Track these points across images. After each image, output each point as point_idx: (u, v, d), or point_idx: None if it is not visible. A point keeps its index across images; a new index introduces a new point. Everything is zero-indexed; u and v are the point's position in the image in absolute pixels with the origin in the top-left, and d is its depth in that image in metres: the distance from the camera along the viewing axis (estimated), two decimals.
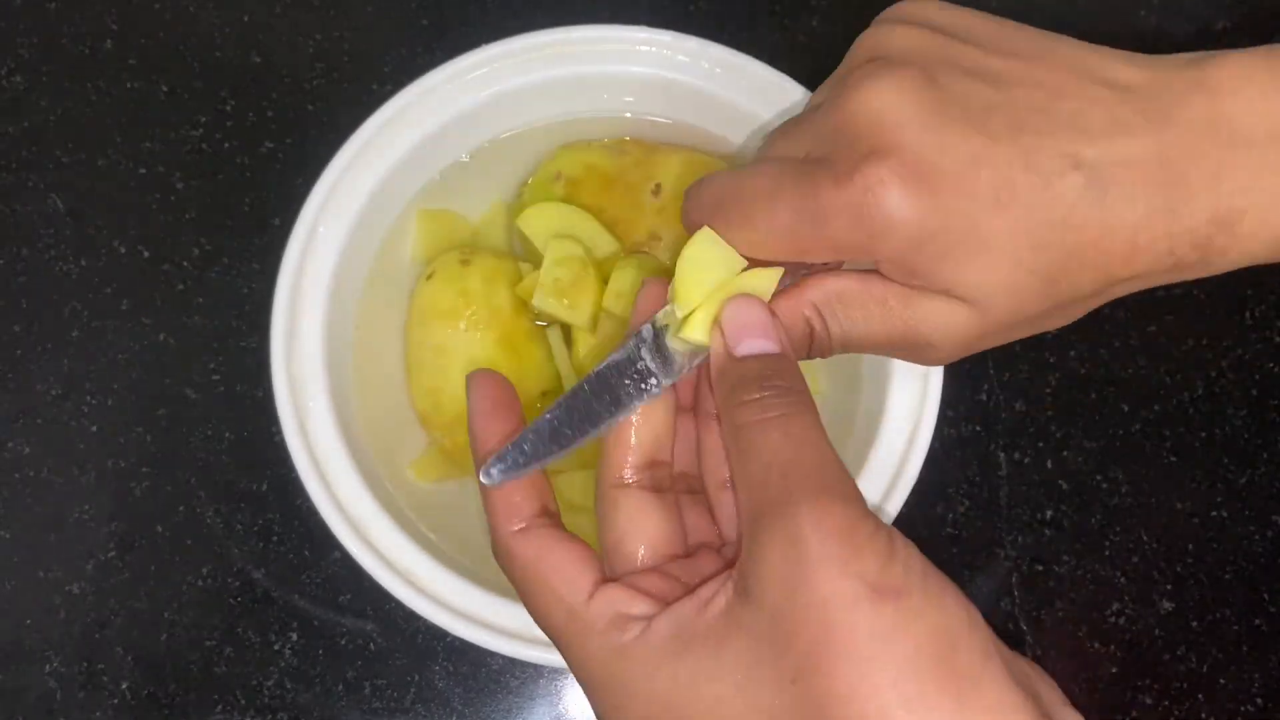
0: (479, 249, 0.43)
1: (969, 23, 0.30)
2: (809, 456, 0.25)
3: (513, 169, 0.46)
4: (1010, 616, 0.47)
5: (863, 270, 0.30)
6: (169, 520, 0.46)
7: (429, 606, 0.37)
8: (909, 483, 0.39)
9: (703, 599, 0.25)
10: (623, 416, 0.29)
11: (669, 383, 0.29)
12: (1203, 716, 0.46)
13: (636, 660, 0.25)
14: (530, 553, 0.28)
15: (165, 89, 0.51)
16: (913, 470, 0.39)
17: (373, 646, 0.45)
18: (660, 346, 0.29)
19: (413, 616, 0.38)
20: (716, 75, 0.43)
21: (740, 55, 0.43)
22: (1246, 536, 0.48)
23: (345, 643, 0.45)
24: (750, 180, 0.30)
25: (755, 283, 0.29)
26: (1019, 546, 0.48)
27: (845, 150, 0.28)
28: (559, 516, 0.29)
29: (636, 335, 0.29)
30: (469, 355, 0.41)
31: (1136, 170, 0.27)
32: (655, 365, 0.29)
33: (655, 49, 0.43)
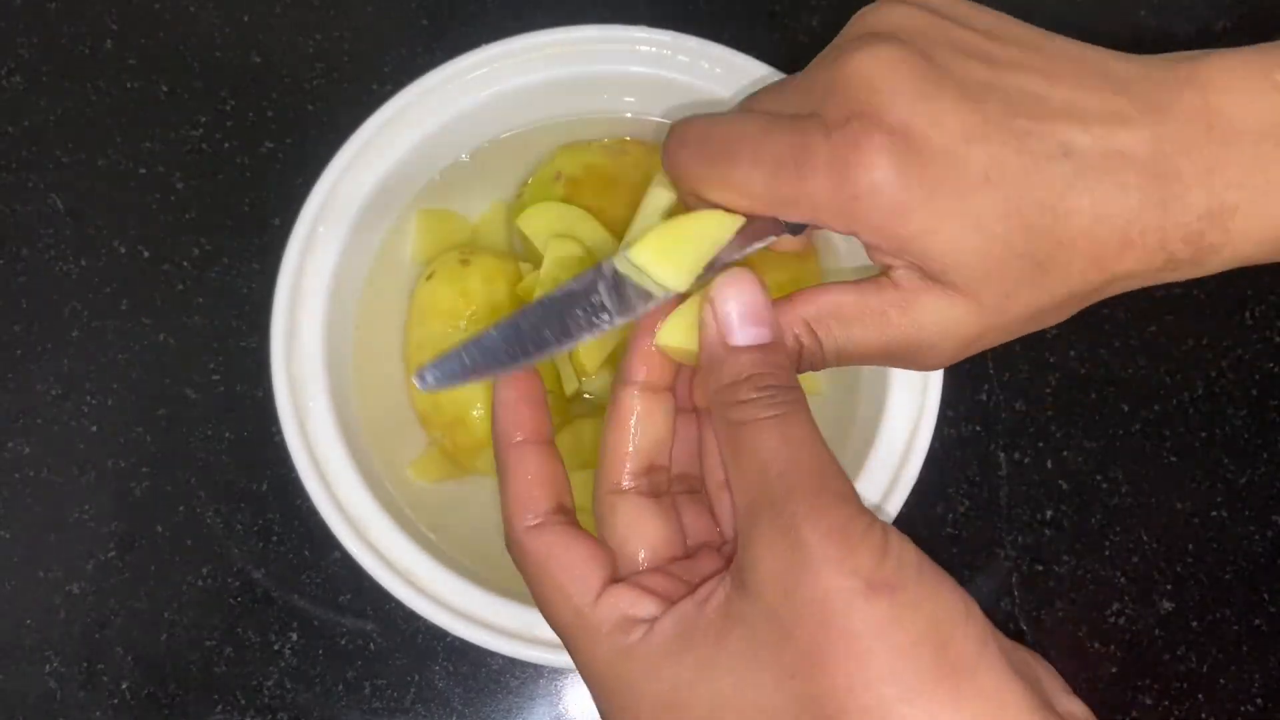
0: (479, 249, 0.43)
1: (968, 10, 0.30)
2: (805, 457, 0.25)
3: (513, 169, 0.46)
4: (1010, 616, 0.47)
5: (855, 285, 0.29)
6: (169, 520, 0.46)
7: (429, 606, 0.37)
8: (909, 483, 0.39)
9: (702, 597, 0.25)
10: (567, 347, 0.29)
11: (621, 322, 0.29)
12: (1203, 716, 0.46)
13: (641, 661, 0.25)
14: (542, 550, 0.28)
15: (165, 89, 0.51)
16: (913, 470, 0.39)
17: (373, 646, 0.45)
18: (619, 285, 0.29)
19: (413, 616, 0.38)
20: (716, 75, 0.43)
21: (740, 55, 0.43)
22: (1246, 536, 0.48)
23: (345, 643, 0.45)
24: (738, 122, 0.29)
25: (713, 224, 0.29)
26: (1019, 546, 0.48)
27: (836, 108, 0.27)
28: (574, 514, 0.29)
29: (597, 268, 0.29)
30: None
31: (1130, 161, 0.27)
32: (610, 302, 0.29)
33: (655, 49, 0.43)
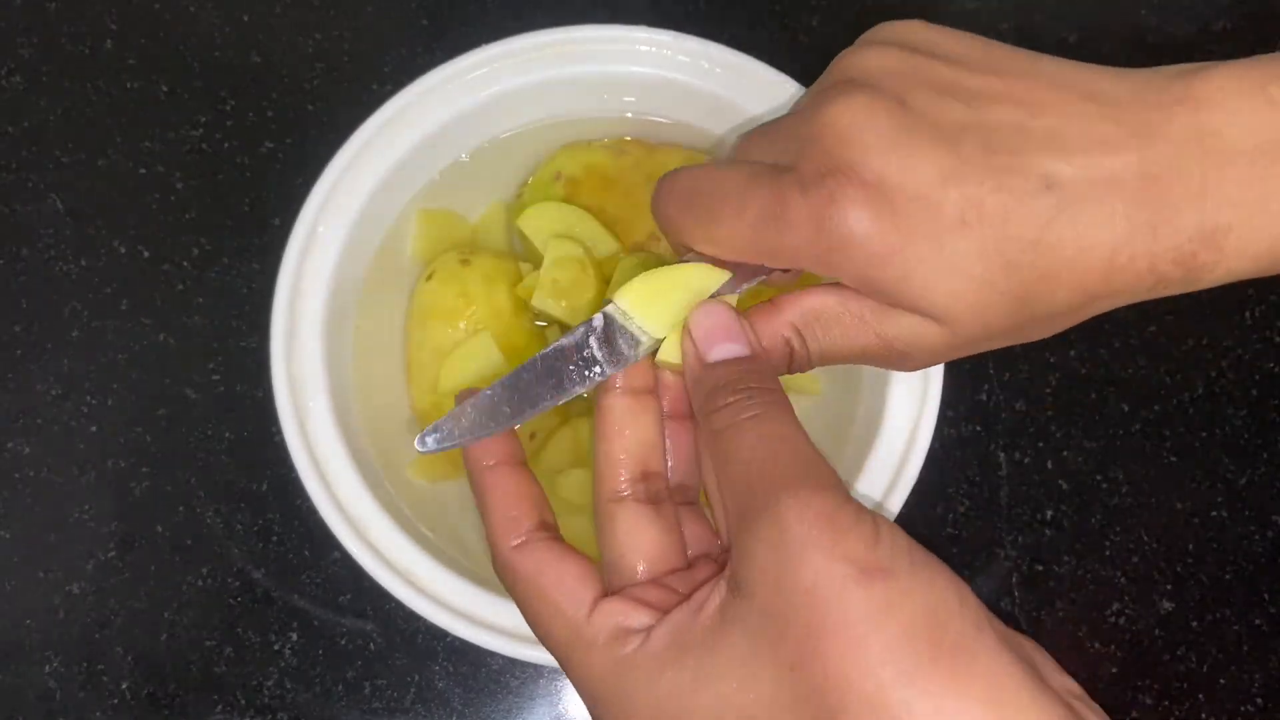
0: (479, 249, 0.43)
1: (950, 43, 0.30)
2: (786, 451, 0.26)
3: (513, 169, 0.46)
4: (1010, 616, 0.47)
5: (837, 287, 0.30)
6: (169, 520, 0.46)
7: (429, 606, 0.37)
8: (909, 483, 0.39)
9: (698, 603, 0.26)
10: (563, 399, 0.29)
11: (613, 372, 0.30)
12: (1203, 716, 0.46)
13: (638, 671, 0.25)
14: (531, 567, 0.28)
15: (165, 89, 0.51)
16: (913, 470, 0.39)
17: (373, 646, 0.45)
18: (609, 337, 0.30)
19: (413, 616, 0.38)
20: (717, 75, 0.43)
21: (740, 55, 0.43)
22: (1246, 536, 0.48)
23: (345, 643, 0.45)
24: (721, 176, 0.30)
25: (699, 276, 0.30)
26: (1019, 546, 0.48)
27: (812, 162, 0.28)
28: (557, 529, 0.30)
29: (587, 323, 0.30)
30: (469, 355, 0.41)
31: (1116, 187, 0.27)
32: (602, 354, 0.30)
33: (655, 49, 0.43)
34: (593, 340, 0.30)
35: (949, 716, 0.22)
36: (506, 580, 0.29)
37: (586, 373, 0.29)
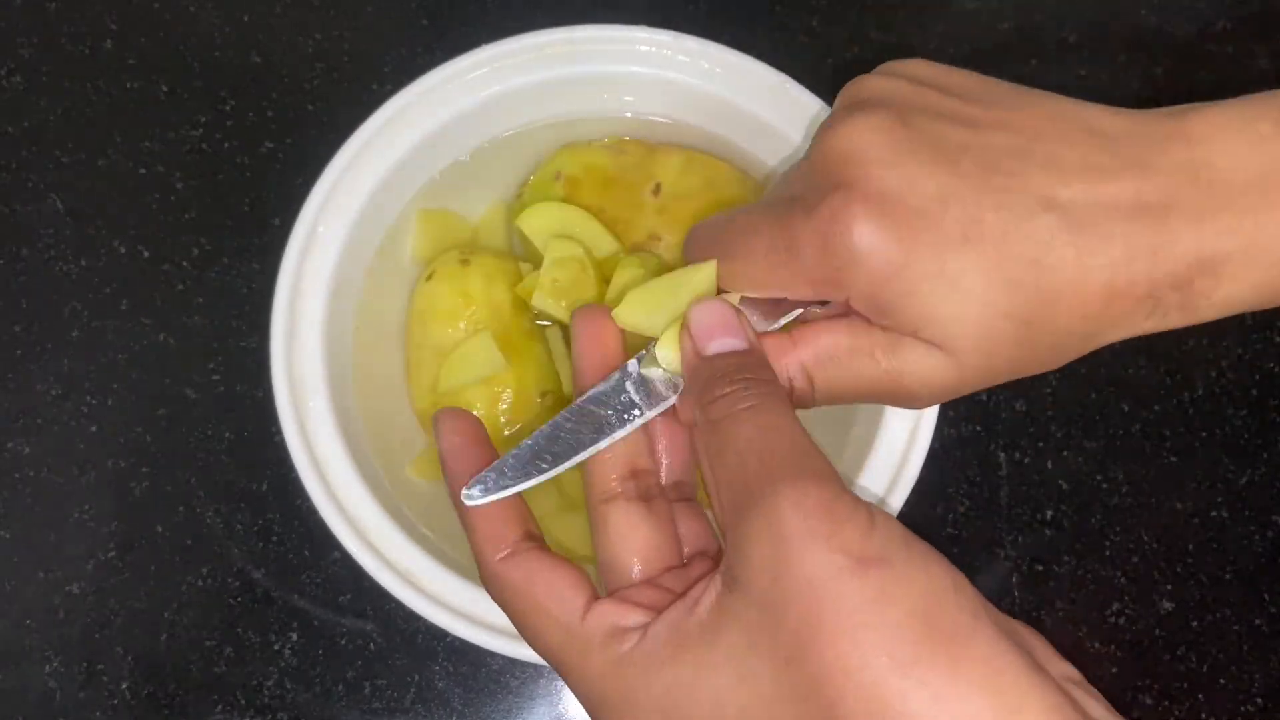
0: (479, 249, 0.43)
1: (951, 78, 0.30)
2: (782, 442, 0.26)
3: (513, 169, 0.46)
4: (1011, 616, 0.47)
5: (848, 319, 0.30)
6: (169, 520, 0.46)
7: (429, 606, 0.37)
8: (909, 483, 0.39)
9: (693, 599, 0.26)
10: (604, 444, 0.30)
11: (653, 413, 0.30)
12: (1203, 716, 0.46)
13: (635, 669, 0.25)
14: (520, 576, 0.28)
15: (165, 89, 0.51)
16: (913, 470, 0.39)
17: (373, 646, 0.45)
18: (644, 379, 0.31)
19: (413, 616, 0.38)
20: (716, 75, 0.43)
21: (740, 55, 0.43)
22: (1246, 536, 0.48)
23: (345, 643, 0.45)
24: (739, 216, 0.31)
25: (695, 278, 0.31)
26: (1019, 546, 0.48)
27: (817, 185, 0.29)
28: (543, 539, 0.30)
29: (623, 369, 0.31)
30: (469, 355, 0.41)
31: (1115, 211, 0.27)
32: (639, 397, 0.30)
33: (655, 49, 0.43)
34: (629, 385, 0.30)
35: (946, 703, 0.22)
36: (496, 593, 0.29)
37: (626, 416, 0.30)
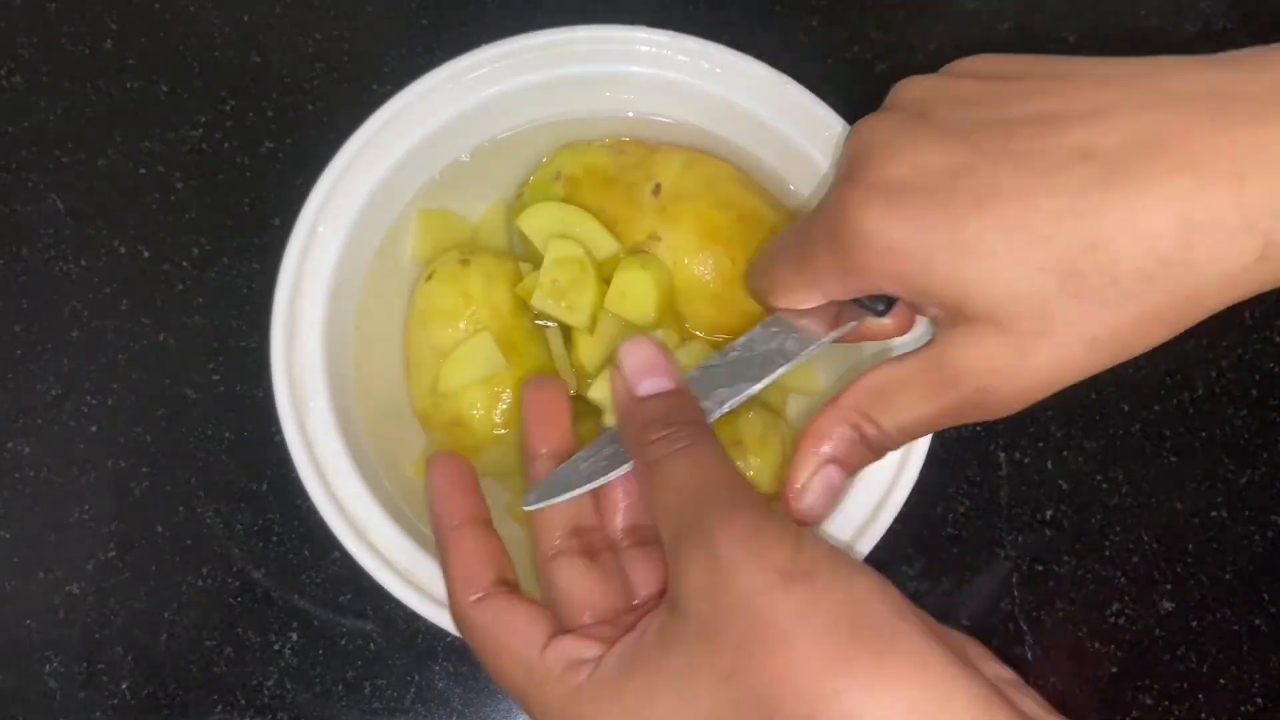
0: (479, 249, 0.43)
1: (1001, 65, 0.30)
2: (714, 477, 0.28)
3: (513, 169, 0.46)
4: (1010, 616, 0.47)
5: (901, 356, 0.30)
6: (169, 520, 0.46)
7: (429, 607, 0.37)
8: (909, 483, 0.39)
9: (642, 629, 0.27)
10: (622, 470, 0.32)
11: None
12: (1203, 716, 0.46)
13: (590, 697, 0.27)
14: (486, 618, 0.30)
15: (165, 89, 0.51)
16: (912, 470, 0.39)
17: (373, 646, 0.45)
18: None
19: (413, 616, 0.38)
20: (716, 75, 0.43)
21: (740, 55, 0.43)
22: (1246, 536, 0.48)
23: (345, 643, 0.45)
24: (780, 236, 0.33)
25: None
26: (1019, 546, 0.48)
27: (830, 186, 0.30)
28: (517, 585, 0.32)
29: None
30: (469, 355, 0.41)
31: (1180, 144, 0.25)
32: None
33: (655, 49, 0.43)
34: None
35: (878, 698, 0.23)
36: (465, 632, 0.31)
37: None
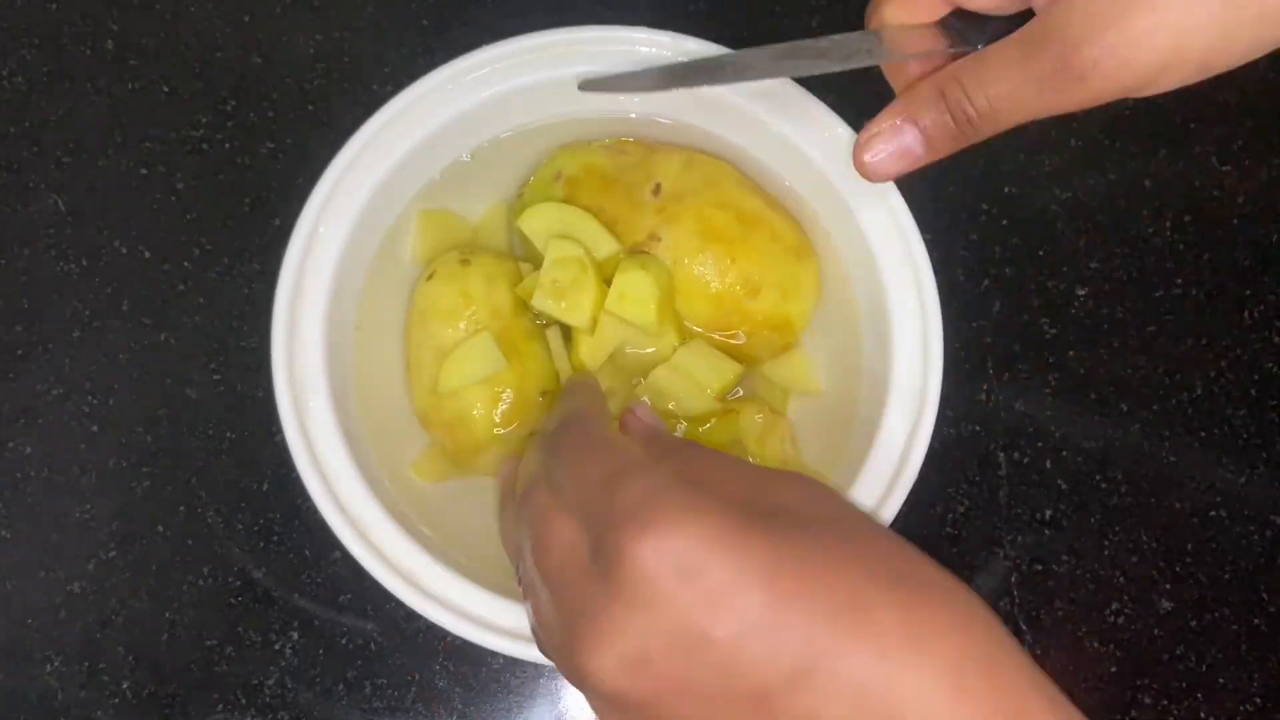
0: (479, 249, 0.43)
1: None
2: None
3: (513, 169, 0.46)
4: (1010, 616, 0.47)
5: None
6: (170, 520, 0.46)
7: (430, 606, 0.38)
8: (909, 483, 0.39)
9: None
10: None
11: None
12: (1202, 716, 0.46)
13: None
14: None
15: (166, 89, 0.51)
16: (912, 470, 0.40)
17: (373, 646, 0.45)
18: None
19: (413, 616, 0.38)
20: None
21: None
22: (1245, 536, 0.48)
23: (346, 642, 0.45)
24: None
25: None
26: (1019, 546, 0.48)
27: None
28: None
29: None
30: (469, 355, 0.41)
31: None
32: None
33: (655, 49, 0.43)
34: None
35: None
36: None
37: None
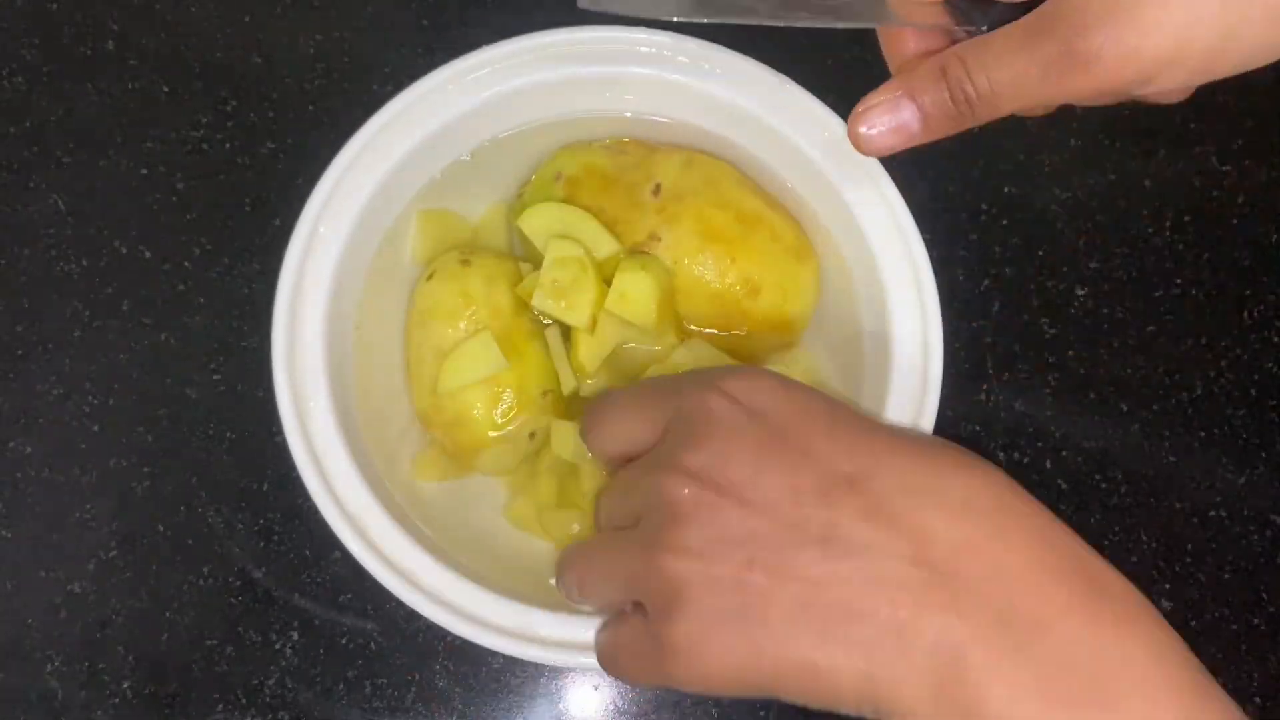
0: (479, 249, 0.43)
1: None
2: None
3: (513, 169, 0.46)
4: None
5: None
6: (170, 520, 0.46)
7: (430, 606, 0.38)
8: None
9: None
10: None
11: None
12: None
13: None
14: None
15: (166, 89, 0.52)
16: None
17: (373, 646, 0.45)
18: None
19: (413, 616, 0.38)
20: (716, 76, 0.44)
21: (740, 56, 0.43)
22: (1245, 536, 0.48)
23: (346, 642, 0.45)
24: None
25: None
26: None
27: None
28: None
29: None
30: (470, 355, 0.41)
31: None
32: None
33: (656, 50, 0.43)
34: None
35: None
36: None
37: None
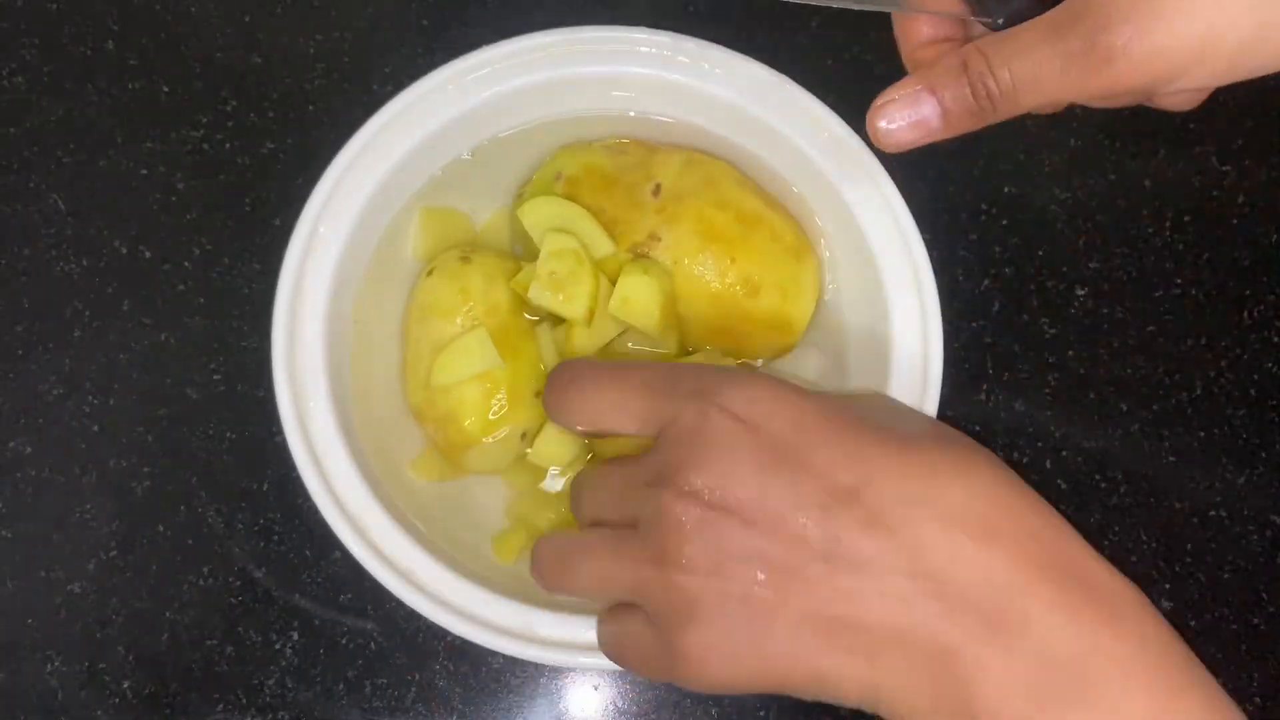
0: (480, 247, 0.43)
1: None
2: None
3: (514, 168, 0.46)
4: None
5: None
6: (170, 520, 0.46)
7: (430, 606, 0.38)
8: None
9: None
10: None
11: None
12: None
13: None
14: None
15: (166, 89, 0.52)
16: None
17: (373, 646, 0.45)
18: None
19: (413, 616, 0.38)
20: (716, 76, 0.43)
21: (740, 56, 0.43)
22: (1245, 536, 0.48)
23: (346, 642, 0.45)
24: None
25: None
26: None
27: None
28: None
29: None
30: (464, 350, 0.41)
31: None
32: None
33: (655, 50, 0.43)
34: None
35: None
36: None
37: None
